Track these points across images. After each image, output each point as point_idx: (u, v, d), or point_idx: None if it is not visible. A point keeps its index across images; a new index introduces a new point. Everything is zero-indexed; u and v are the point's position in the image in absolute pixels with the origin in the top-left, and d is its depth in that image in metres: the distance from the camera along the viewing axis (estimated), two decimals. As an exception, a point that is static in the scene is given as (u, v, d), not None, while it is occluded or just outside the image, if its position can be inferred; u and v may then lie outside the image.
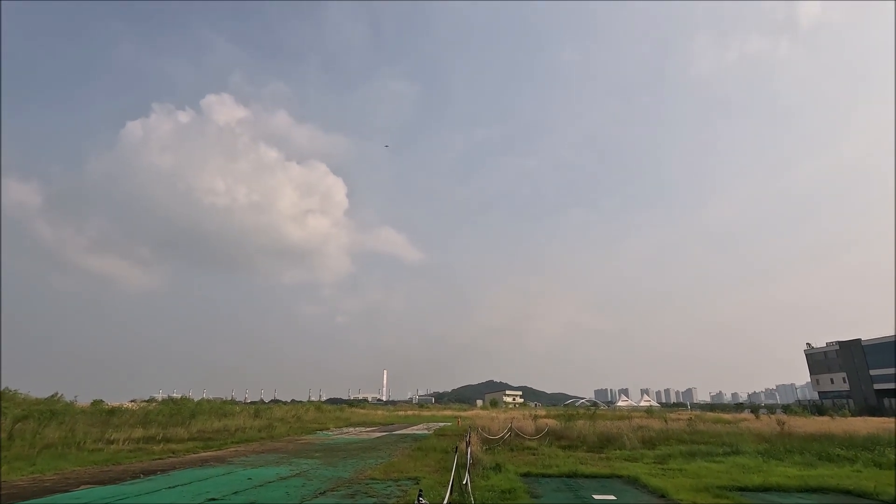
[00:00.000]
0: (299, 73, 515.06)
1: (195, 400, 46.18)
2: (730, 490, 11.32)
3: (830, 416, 48.31)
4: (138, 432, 22.94)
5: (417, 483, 11.65)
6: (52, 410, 23.63)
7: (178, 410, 31.32)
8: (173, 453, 18.87)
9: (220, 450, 20.69)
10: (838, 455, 17.00)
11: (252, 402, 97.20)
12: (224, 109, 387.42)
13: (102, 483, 12.25)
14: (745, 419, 37.26)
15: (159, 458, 17.41)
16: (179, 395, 48.99)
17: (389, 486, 11.87)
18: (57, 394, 30.98)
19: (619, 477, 13.44)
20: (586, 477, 13.51)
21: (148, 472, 14.04)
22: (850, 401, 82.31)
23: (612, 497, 10.74)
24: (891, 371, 78.36)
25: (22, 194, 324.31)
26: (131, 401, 57.76)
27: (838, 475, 13.33)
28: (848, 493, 11.35)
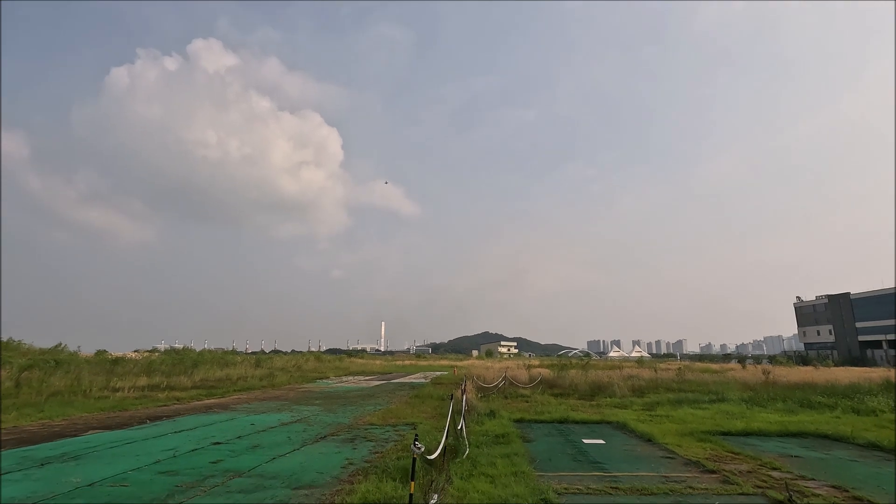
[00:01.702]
0: (288, 17, 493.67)
1: (197, 350, 47.17)
2: (713, 435, 11.82)
3: (814, 366, 49.98)
4: (142, 381, 23.54)
5: (414, 428, 12.10)
6: (57, 360, 24.16)
7: (180, 360, 32.07)
8: (178, 400, 19.45)
9: (222, 397, 21.33)
10: (819, 402, 17.67)
11: (253, 353, 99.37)
12: (212, 56, 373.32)
13: (110, 428, 12.68)
14: (731, 369, 38.49)
15: (164, 405, 17.95)
16: (181, 346, 49.98)
17: (387, 432, 12.34)
18: (60, 344, 31.58)
19: (609, 423, 13.98)
20: (577, 423, 14.05)
21: (154, 418, 14.52)
22: (835, 352, 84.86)
23: (601, 441, 11.22)
24: (876, 323, 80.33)
25: (8, 145, 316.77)
26: (134, 351, 58.91)
27: (817, 421, 13.91)
28: (825, 437, 11.89)
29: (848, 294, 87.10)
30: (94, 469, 8.18)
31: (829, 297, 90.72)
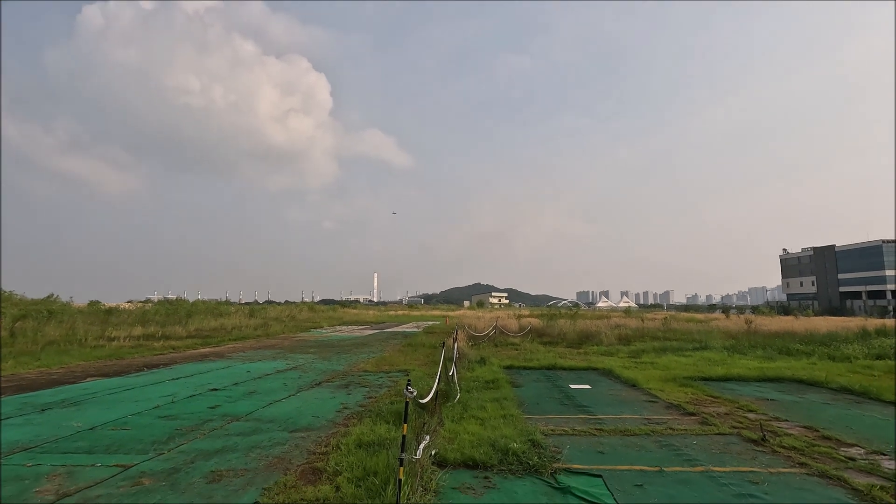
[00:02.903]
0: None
1: (190, 301, 47.39)
2: (695, 380, 12.31)
3: (795, 315, 51.55)
4: (137, 330, 23.78)
5: (407, 375, 12.45)
6: (50, 310, 24.19)
7: (174, 310, 32.28)
8: (174, 349, 19.74)
9: (218, 346, 21.67)
10: (797, 350, 18.36)
11: (246, 303, 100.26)
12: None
13: (108, 375, 12.90)
14: (716, 319, 39.56)
15: (160, 354, 18.23)
16: (175, 297, 50.16)
17: (381, 378, 12.69)
18: (52, 294, 31.50)
19: (595, 369, 14.47)
20: (564, 369, 14.51)
21: (151, 366, 14.77)
22: (815, 302, 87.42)
23: (587, 386, 11.64)
24: (858, 275, 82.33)
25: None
26: (127, 301, 59.05)
27: (794, 367, 14.49)
28: (801, 381, 12.43)
29: (833, 246, 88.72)
30: (95, 414, 8.38)
31: (815, 249, 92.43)
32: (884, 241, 79.20)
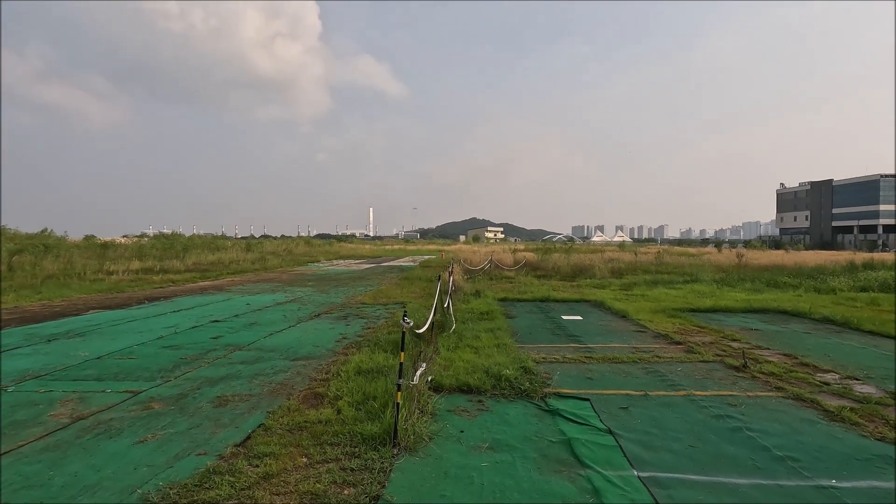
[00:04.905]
0: None
1: (187, 235, 47.35)
2: (683, 311, 12.68)
3: (785, 249, 52.35)
4: (135, 265, 23.94)
5: (404, 307, 12.74)
6: (46, 245, 24.21)
7: (170, 245, 32.38)
8: (173, 283, 20.00)
9: (216, 280, 21.95)
10: (784, 282, 18.81)
11: (243, 238, 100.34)
12: None
13: (110, 308, 13.15)
14: (708, 253, 40.17)
15: (160, 287, 18.48)
16: (170, 231, 50.08)
17: (378, 310, 13.00)
18: (46, 229, 31.37)
19: (587, 301, 14.84)
20: (557, 301, 14.88)
21: (152, 299, 15.03)
22: (807, 237, 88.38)
23: (578, 317, 11.99)
24: (852, 209, 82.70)
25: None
26: (123, 236, 59.03)
27: (780, 299, 14.91)
28: (785, 312, 12.84)
29: (830, 181, 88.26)
30: (100, 344, 8.63)
31: (812, 183, 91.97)
32: (882, 176, 78.76)
